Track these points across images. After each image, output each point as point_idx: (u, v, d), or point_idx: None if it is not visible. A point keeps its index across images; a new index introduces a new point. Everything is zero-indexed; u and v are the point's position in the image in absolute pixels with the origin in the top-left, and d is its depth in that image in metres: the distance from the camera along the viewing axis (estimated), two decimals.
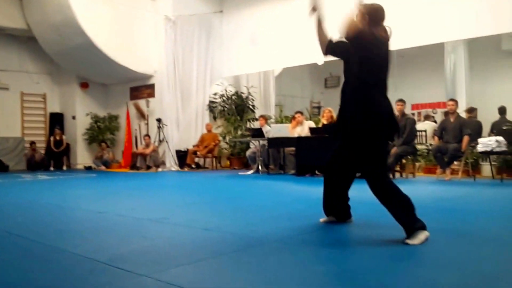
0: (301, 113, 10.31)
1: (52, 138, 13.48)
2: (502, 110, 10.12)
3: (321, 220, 3.88)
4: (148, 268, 2.56)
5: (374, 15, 3.39)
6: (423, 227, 3.13)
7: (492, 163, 8.26)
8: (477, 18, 9.05)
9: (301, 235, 3.46)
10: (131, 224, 4.08)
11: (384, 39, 3.39)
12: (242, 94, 13.19)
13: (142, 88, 13.51)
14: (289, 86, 15.81)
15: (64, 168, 13.46)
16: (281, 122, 12.11)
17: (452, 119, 8.27)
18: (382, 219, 3.46)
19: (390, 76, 3.43)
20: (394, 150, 8.06)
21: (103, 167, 13.26)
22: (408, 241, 3.03)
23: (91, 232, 3.77)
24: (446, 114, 8.66)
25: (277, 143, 9.78)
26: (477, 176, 8.34)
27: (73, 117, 14.16)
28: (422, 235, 3.08)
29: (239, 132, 12.58)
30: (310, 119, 11.36)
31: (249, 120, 12.89)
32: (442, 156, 8.17)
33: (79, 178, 10.30)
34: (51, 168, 13.17)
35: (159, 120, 12.55)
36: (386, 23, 3.39)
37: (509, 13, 8.65)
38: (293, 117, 10.50)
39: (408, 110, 12.39)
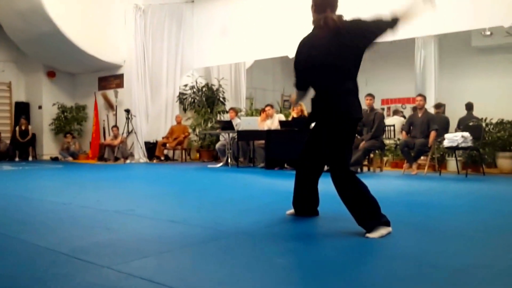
0: (271, 106, 10.31)
1: (17, 128, 13.20)
2: (469, 106, 10.30)
3: (287, 212, 3.88)
4: (111, 260, 2.51)
5: (319, 2, 3.40)
6: (387, 223, 3.15)
7: (458, 158, 8.41)
8: (447, 14, 9.15)
9: (267, 228, 3.44)
10: (96, 216, 4.00)
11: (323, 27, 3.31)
12: (213, 86, 13.10)
13: (110, 78, 13.32)
14: (261, 79, 15.79)
15: (30, 158, 13.24)
16: (252, 115, 12.10)
17: (420, 115, 8.38)
18: (347, 212, 3.46)
19: (362, 71, 3.41)
20: (362, 144, 8.13)
21: (70, 158, 13.06)
22: (368, 235, 3.04)
23: (54, 224, 3.69)
24: (414, 109, 8.77)
25: (247, 136, 9.76)
26: (443, 171, 8.47)
27: (40, 107, 13.87)
28: (384, 230, 3.09)
29: (209, 125, 12.52)
30: (281, 112, 11.37)
31: (219, 113, 12.84)
32: (409, 151, 8.27)
33: (45, 169, 10.09)
34: (16, 159, 12.93)
35: (127, 111, 12.38)
36: (358, 17, 3.35)
37: (480, 10, 8.78)
38: (263, 110, 10.50)
39: (377, 105, 12.52)
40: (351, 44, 3.25)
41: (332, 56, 3.25)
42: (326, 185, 3.69)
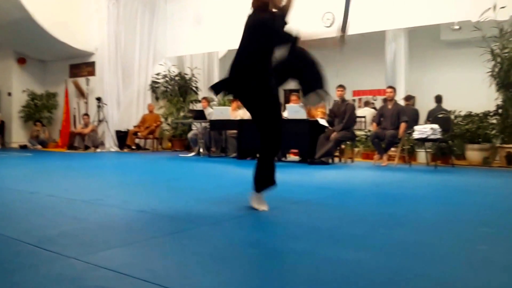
0: None
1: None
2: (438, 99, 10.46)
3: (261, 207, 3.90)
4: (77, 251, 2.48)
5: None
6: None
7: (427, 150, 8.54)
8: (417, 8, 9.29)
9: (237, 218, 3.45)
10: (63, 205, 3.95)
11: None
12: (186, 75, 13.02)
13: (82, 66, 13.12)
14: None
15: None
16: (224, 104, 12.05)
17: (390, 106, 8.47)
18: (325, 200, 3.50)
19: (333, 62, 3.46)
20: (333, 135, 8.19)
21: (39, 147, 12.85)
22: (254, 204, 3.67)
23: (20, 213, 3.63)
24: (385, 101, 8.86)
25: (219, 125, 9.74)
26: (412, 163, 8.60)
27: (9, 94, 13.60)
28: (263, 207, 3.65)
29: (182, 114, 12.44)
30: None
31: (191, 102, 12.77)
32: (379, 142, 8.36)
33: (13, 157, 9.91)
34: None
35: (99, 99, 12.22)
36: (332, 12, 3.41)
37: (448, 4, 8.93)
38: (234, 99, 10.47)
39: (349, 96, 12.63)
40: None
41: None
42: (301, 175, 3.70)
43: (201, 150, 10.21)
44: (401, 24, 9.88)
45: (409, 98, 10.41)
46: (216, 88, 3.92)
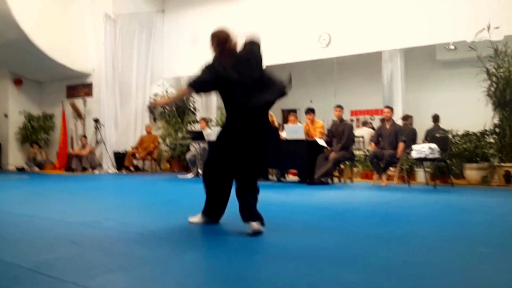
0: None
1: None
2: (435, 118, 10.50)
3: (193, 220, 4.08)
4: (75, 275, 2.44)
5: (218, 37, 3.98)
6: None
7: (426, 169, 8.53)
8: (413, 28, 9.41)
9: (237, 239, 3.41)
10: (61, 228, 3.90)
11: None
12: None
13: (79, 87, 13.13)
14: None
15: None
16: (223, 125, 12.07)
17: (388, 126, 8.49)
18: (325, 220, 3.46)
19: (330, 83, 3.49)
20: (332, 155, 8.19)
21: (36, 169, 12.79)
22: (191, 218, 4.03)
23: (17, 237, 3.58)
24: (383, 121, 8.88)
25: None
26: (412, 182, 8.59)
27: (5, 115, 13.56)
28: (199, 219, 4.01)
29: (180, 135, 12.43)
30: None
31: (190, 123, 12.77)
32: (378, 162, 8.36)
33: (9, 180, 9.85)
34: None
35: (96, 121, 12.22)
36: (328, 33, 3.47)
37: (443, 24, 9.06)
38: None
39: (346, 116, 12.66)
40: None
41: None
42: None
43: (199, 171, 10.18)
44: (397, 44, 9.99)
45: (406, 118, 10.43)
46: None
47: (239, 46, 3.87)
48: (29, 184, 8.98)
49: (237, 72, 3.72)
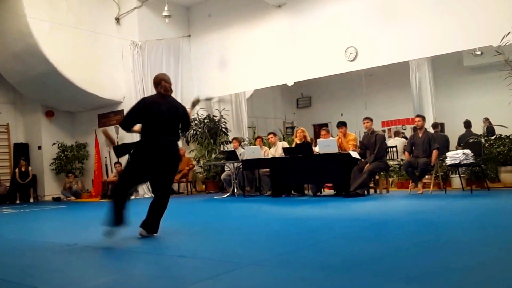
0: (274, 134, 10.33)
1: (17, 170, 13.04)
2: (467, 124, 10.37)
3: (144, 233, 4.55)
4: None
5: (154, 81, 4.79)
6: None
7: (462, 175, 8.40)
8: (439, 36, 9.38)
9: (278, 256, 3.42)
10: (102, 256, 3.95)
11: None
12: (214, 117, 13.15)
13: (110, 115, 13.34)
14: (262, 107, 15.88)
15: (31, 200, 13.06)
16: (255, 144, 12.13)
17: (420, 134, 8.41)
18: (364, 231, 3.43)
19: (360, 95, 3.51)
20: (366, 167, 8.14)
21: (72, 198, 12.99)
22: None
23: (59, 266, 3.63)
24: (415, 129, 8.81)
25: (252, 165, 9.75)
26: (448, 189, 8.45)
27: (39, 147, 13.82)
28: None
29: (213, 155, 12.51)
30: (284, 140, 11.40)
31: (222, 143, 12.85)
32: (413, 170, 8.27)
33: (47, 210, 10.02)
34: (17, 201, 12.76)
35: None
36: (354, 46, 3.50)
37: (469, 31, 9.01)
38: (257, 138, 10.83)
39: (378, 127, 12.57)
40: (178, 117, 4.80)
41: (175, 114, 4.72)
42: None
43: (235, 190, 10.21)
44: (424, 53, 9.97)
45: (436, 126, 10.36)
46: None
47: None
48: (67, 213, 9.14)
49: (164, 108, 4.59)
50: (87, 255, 4.00)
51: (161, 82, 4.70)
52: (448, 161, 7.98)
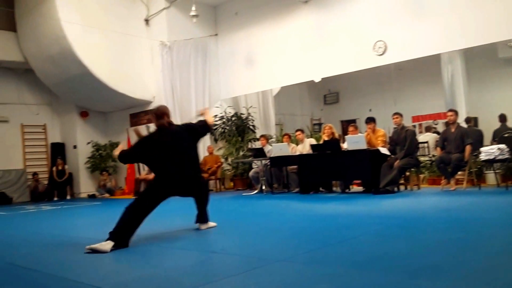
0: (302, 131, 10.30)
1: (54, 168, 13.49)
2: (502, 118, 10.12)
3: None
4: None
5: (155, 113, 4.77)
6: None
7: (496, 171, 8.21)
8: (471, 28, 9.13)
9: (307, 253, 3.42)
10: (135, 251, 4.02)
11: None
12: (242, 115, 13.20)
13: (141, 114, 13.54)
14: (289, 105, 15.85)
15: (68, 197, 13.50)
16: (282, 141, 12.12)
17: (453, 129, 8.25)
18: (394, 229, 3.40)
19: (389, 90, 3.46)
20: (397, 163, 8.03)
21: (106, 195, 13.27)
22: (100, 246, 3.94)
23: (95, 261, 3.71)
24: (447, 124, 8.65)
25: (279, 162, 9.76)
26: (482, 185, 8.28)
27: (75, 147, 14.20)
28: (107, 245, 3.96)
29: (241, 153, 12.56)
30: (311, 136, 11.36)
31: (250, 141, 12.87)
32: (445, 166, 8.13)
33: (83, 207, 10.27)
34: (55, 198, 13.18)
35: None
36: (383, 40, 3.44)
37: (502, 21, 8.73)
38: (284, 135, 10.76)
39: (408, 123, 12.41)
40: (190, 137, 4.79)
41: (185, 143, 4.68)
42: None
43: (263, 187, 10.24)
44: (456, 45, 9.69)
45: (469, 120, 10.14)
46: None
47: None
48: (102, 210, 9.33)
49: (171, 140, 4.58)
50: (121, 250, 4.05)
51: (164, 116, 4.74)
52: (483, 157, 7.81)
